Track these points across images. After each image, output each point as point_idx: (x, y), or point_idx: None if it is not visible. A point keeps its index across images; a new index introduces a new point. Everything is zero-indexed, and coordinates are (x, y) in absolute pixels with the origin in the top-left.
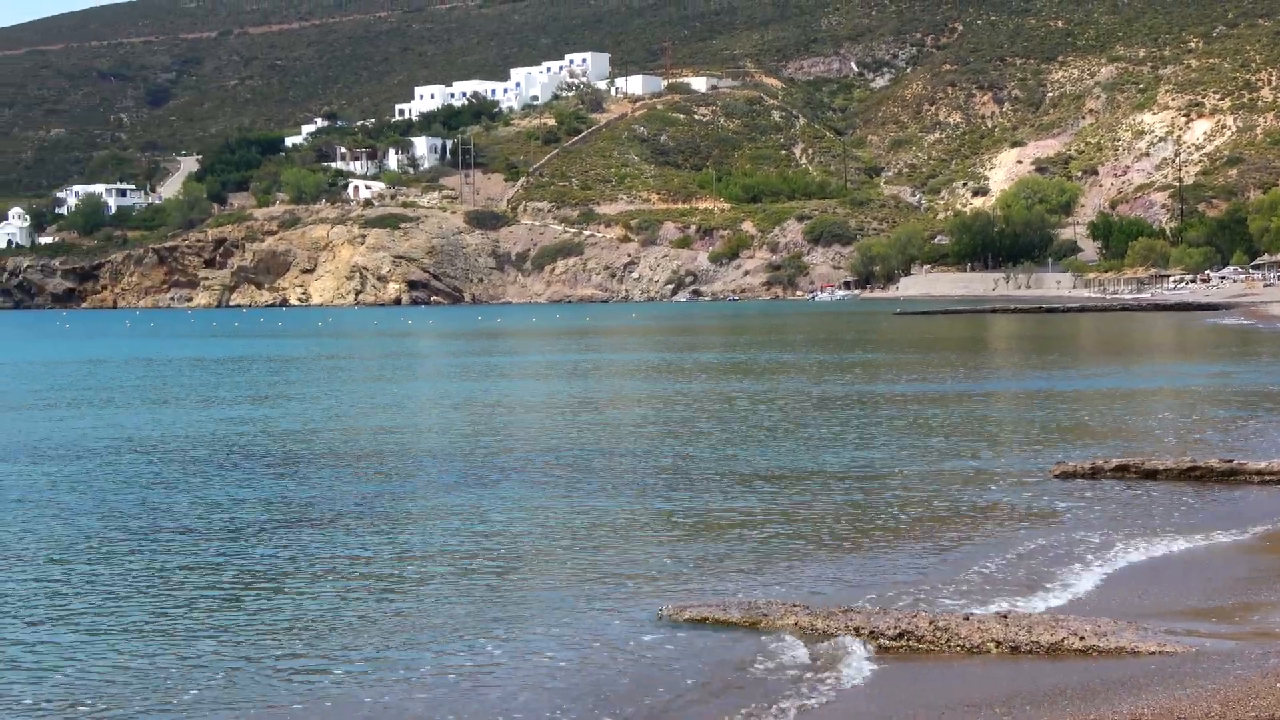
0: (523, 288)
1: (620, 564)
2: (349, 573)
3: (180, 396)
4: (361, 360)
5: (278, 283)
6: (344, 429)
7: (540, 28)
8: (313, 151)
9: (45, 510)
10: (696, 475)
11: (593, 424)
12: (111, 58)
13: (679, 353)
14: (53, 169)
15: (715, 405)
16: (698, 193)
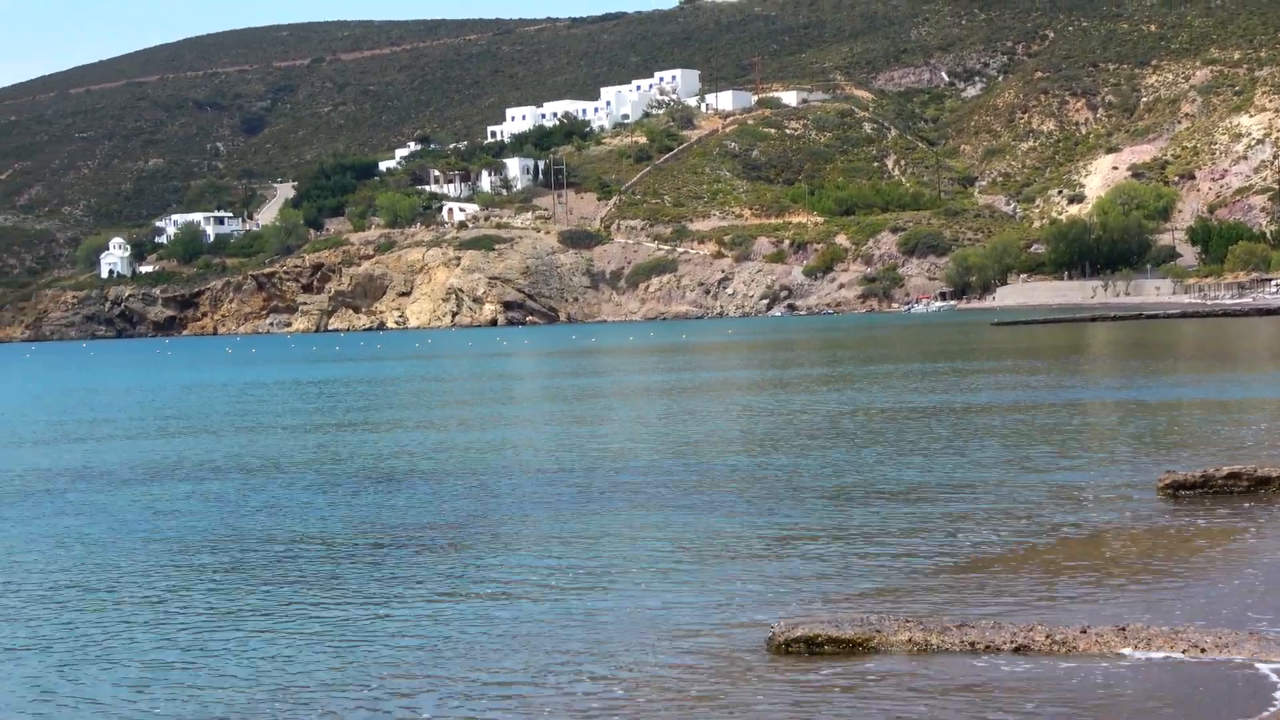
0: (617, 306)
1: (727, 580)
2: (446, 593)
3: (286, 420)
4: (458, 381)
5: (374, 306)
6: (442, 449)
7: (629, 46)
8: (407, 175)
9: (152, 530)
10: (796, 490)
11: (690, 440)
12: (207, 88)
13: (775, 368)
14: (152, 199)
15: (813, 419)
16: (790, 207)
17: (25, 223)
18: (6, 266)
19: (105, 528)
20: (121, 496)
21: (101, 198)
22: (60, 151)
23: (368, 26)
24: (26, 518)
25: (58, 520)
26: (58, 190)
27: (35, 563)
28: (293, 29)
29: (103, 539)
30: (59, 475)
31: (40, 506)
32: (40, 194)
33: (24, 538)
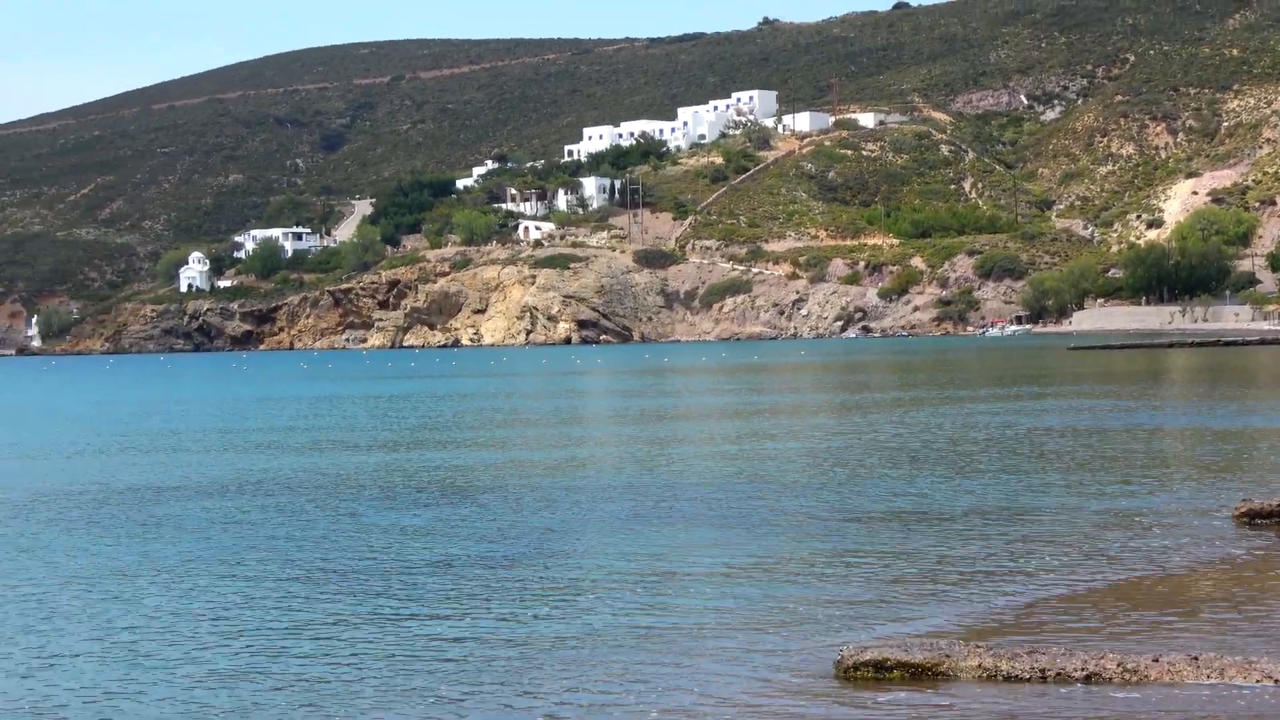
0: (691, 326)
1: (795, 603)
2: (512, 611)
3: (359, 436)
4: (531, 399)
5: (450, 323)
6: (512, 467)
7: (707, 67)
8: (483, 193)
9: (225, 543)
10: (865, 512)
11: (759, 461)
12: (287, 104)
13: (846, 390)
14: (231, 214)
15: (884, 442)
16: (866, 229)
17: (107, 236)
18: (88, 279)
19: (180, 540)
20: (197, 509)
21: (182, 212)
22: (142, 166)
23: (447, 45)
24: (105, 529)
25: (133, 534)
26: (139, 204)
27: (111, 574)
28: (373, 47)
29: (180, 552)
30: (138, 488)
31: (117, 518)
32: (122, 208)
33: (96, 548)
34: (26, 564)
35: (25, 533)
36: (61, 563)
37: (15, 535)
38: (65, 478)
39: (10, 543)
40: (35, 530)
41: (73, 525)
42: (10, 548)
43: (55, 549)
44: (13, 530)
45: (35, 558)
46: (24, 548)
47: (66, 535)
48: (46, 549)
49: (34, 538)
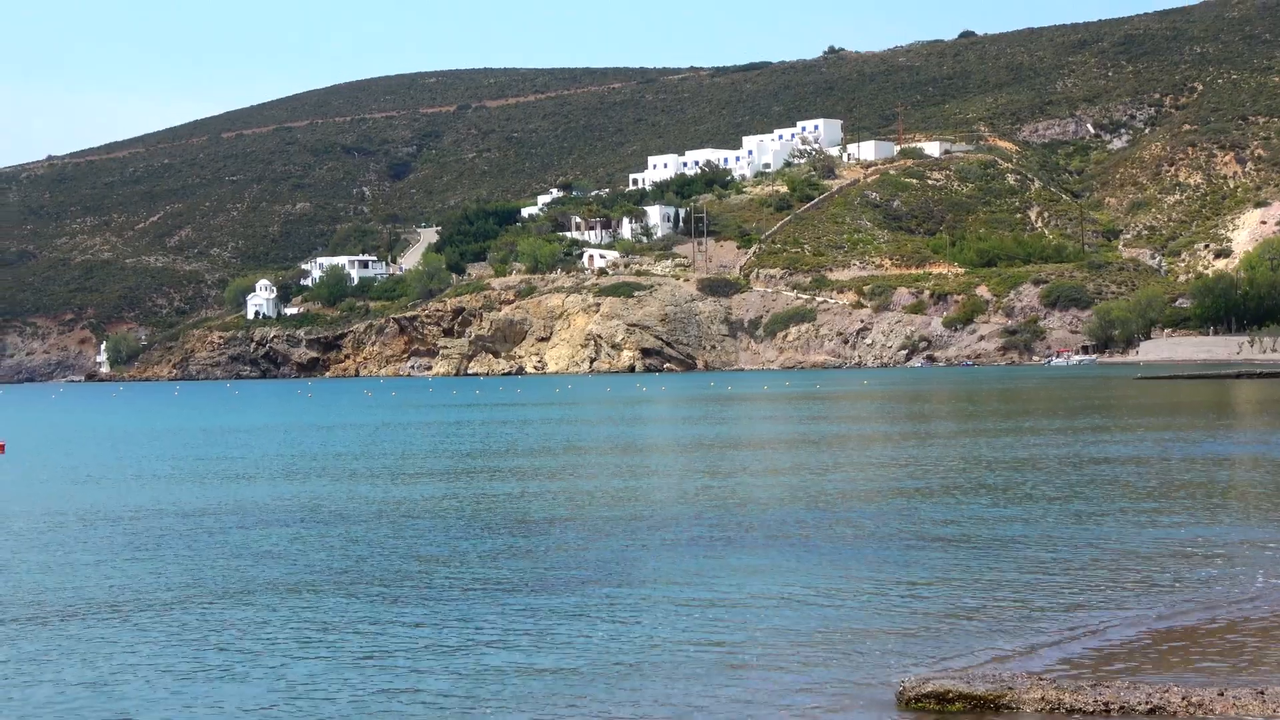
0: (755, 354)
1: (857, 633)
2: (573, 638)
3: (424, 463)
4: (596, 426)
5: (514, 351)
6: (577, 494)
7: (772, 96)
8: (548, 221)
9: (290, 570)
10: (928, 541)
11: (822, 490)
12: (354, 133)
13: (910, 420)
14: (298, 242)
15: (947, 471)
16: (931, 258)
17: (175, 263)
18: (156, 306)
19: (254, 566)
20: (270, 536)
21: (249, 240)
22: (211, 194)
23: (513, 74)
24: (177, 554)
25: (203, 558)
26: (207, 232)
27: (184, 596)
28: (440, 76)
29: (253, 576)
30: (205, 514)
31: (192, 544)
32: (190, 235)
33: (164, 570)
34: (107, 579)
35: (101, 554)
36: (131, 583)
37: (93, 556)
38: (136, 500)
39: (88, 562)
40: (117, 550)
41: (140, 547)
42: (89, 567)
43: (128, 569)
44: (89, 551)
45: (118, 573)
46: (101, 565)
47: (118, 558)
48: (121, 570)
49: (112, 557)
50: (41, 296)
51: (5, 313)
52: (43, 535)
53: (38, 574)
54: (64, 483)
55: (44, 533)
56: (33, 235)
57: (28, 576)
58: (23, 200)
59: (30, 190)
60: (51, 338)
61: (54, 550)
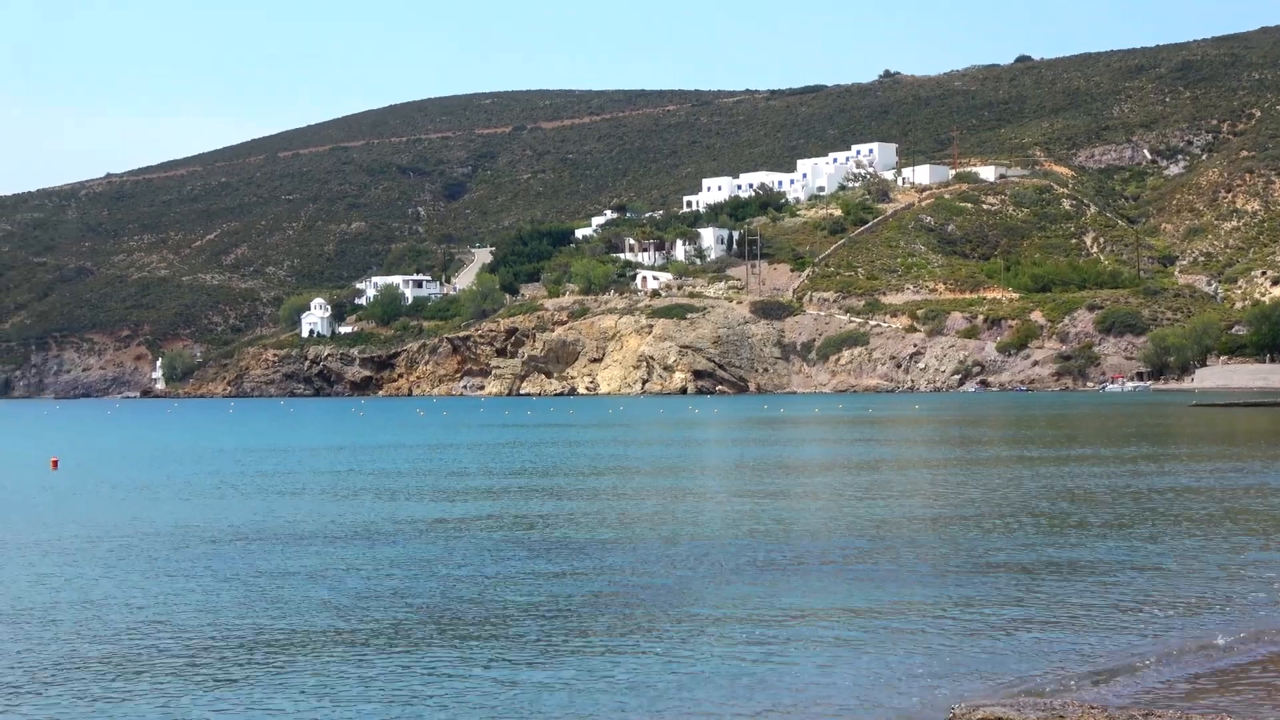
0: (807, 377)
1: (908, 658)
2: (624, 660)
3: (476, 483)
4: (649, 447)
5: (566, 371)
6: (629, 516)
7: (827, 119)
8: (602, 243)
9: (345, 590)
10: (979, 568)
11: (872, 515)
12: (410, 153)
13: (961, 445)
14: (353, 261)
15: (999, 497)
16: (985, 282)
17: (231, 281)
18: (211, 324)
19: (303, 586)
20: (321, 556)
21: (304, 259)
22: (267, 213)
23: (568, 96)
24: (221, 570)
25: (249, 575)
26: (263, 250)
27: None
28: (495, 97)
29: (301, 596)
30: (247, 533)
31: (237, 561)
32: (246, 254)
33: (214, 587)
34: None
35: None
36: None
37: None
38: (185, 518)
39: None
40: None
41: (194, 567)
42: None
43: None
44: (156, 566)
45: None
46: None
47: (168, 577)
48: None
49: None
50: (99, 313)
51: (63, 329)
52: (83, 553)
53: (81, 589)
54: (112, 500)
55: (83, 551)
56: (91, 252)
57: (68, 594)
58: (81, 217)
59: (89, 207)
60: (108, 354)
61: (98, 567)
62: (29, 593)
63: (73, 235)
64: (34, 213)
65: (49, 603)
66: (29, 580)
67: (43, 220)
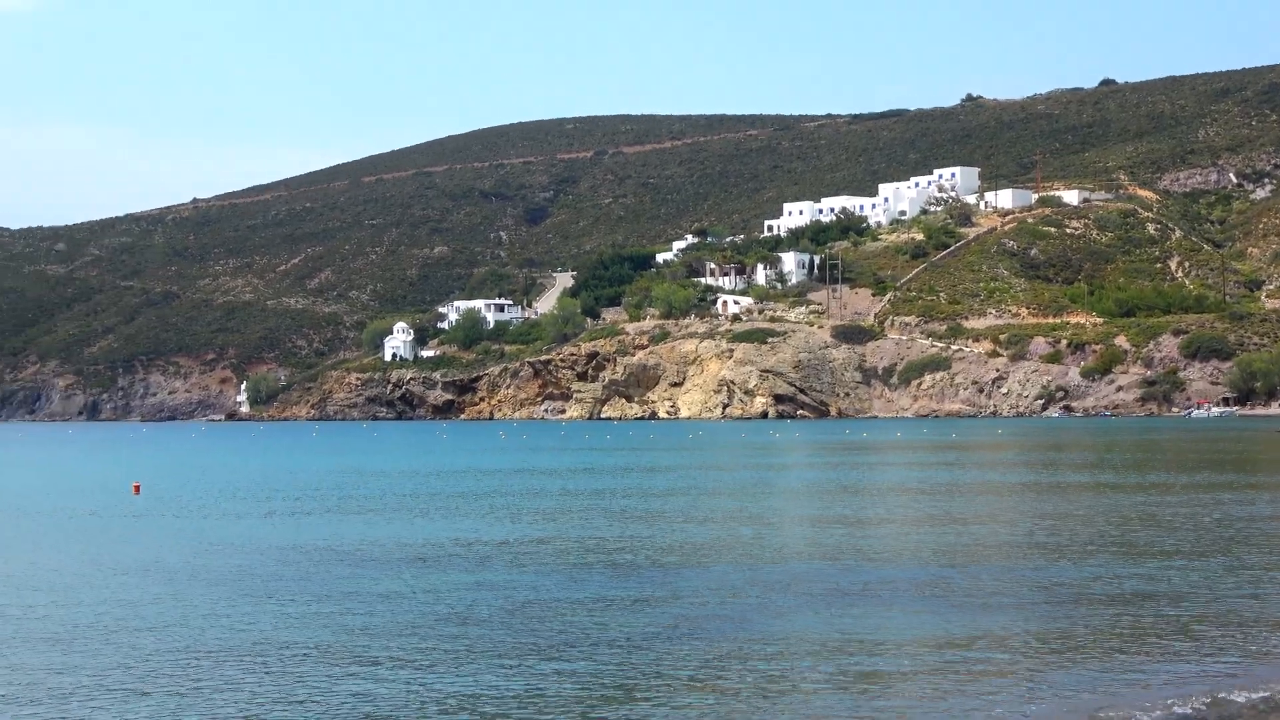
0: (889, 402)
1: (998, 687)
2: (710, 687)
3: (557, 505)
4: (730, 472)
5: (647, 396)
6: (712, 541)
7: (909, 143)
8: (683, 267)
9: (420, 613)
10: (1070, 596)
11: (960, 539)
12: (492, 178)
13: (1045, 470)
14: (435, 285)
15: (1083, 524)
16: (1069, 307)
17: (315, 305)
18: (296, 348)
19: (387, 609)
20: (411, 578)
21: (388, 283)
22: (350, 238)
23: (650, 121)
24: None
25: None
26: (346, 275)
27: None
28: (577, 122)
29: (387, 620)
30: (334, 554)
31: (311, 585)
32: (330, 278)
33: (290, 607)
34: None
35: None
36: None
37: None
38: (268, 539)
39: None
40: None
41: (285, 588)
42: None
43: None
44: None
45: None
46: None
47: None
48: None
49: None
50: (184, 337)
51: (149, 352)
52: (157, 581)
53: (154, 609)
54: (191, 527)
55: (153, 576)
56: (177, 276)
57: (148, 614)
58: (168, 242)
59: (175, 232)
60: (193, 377)
61: (172, 592)
62: (115, 612)
63: (159, 260)
64: (121, 238)
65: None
66: (112, 602)
67: (130, 245)
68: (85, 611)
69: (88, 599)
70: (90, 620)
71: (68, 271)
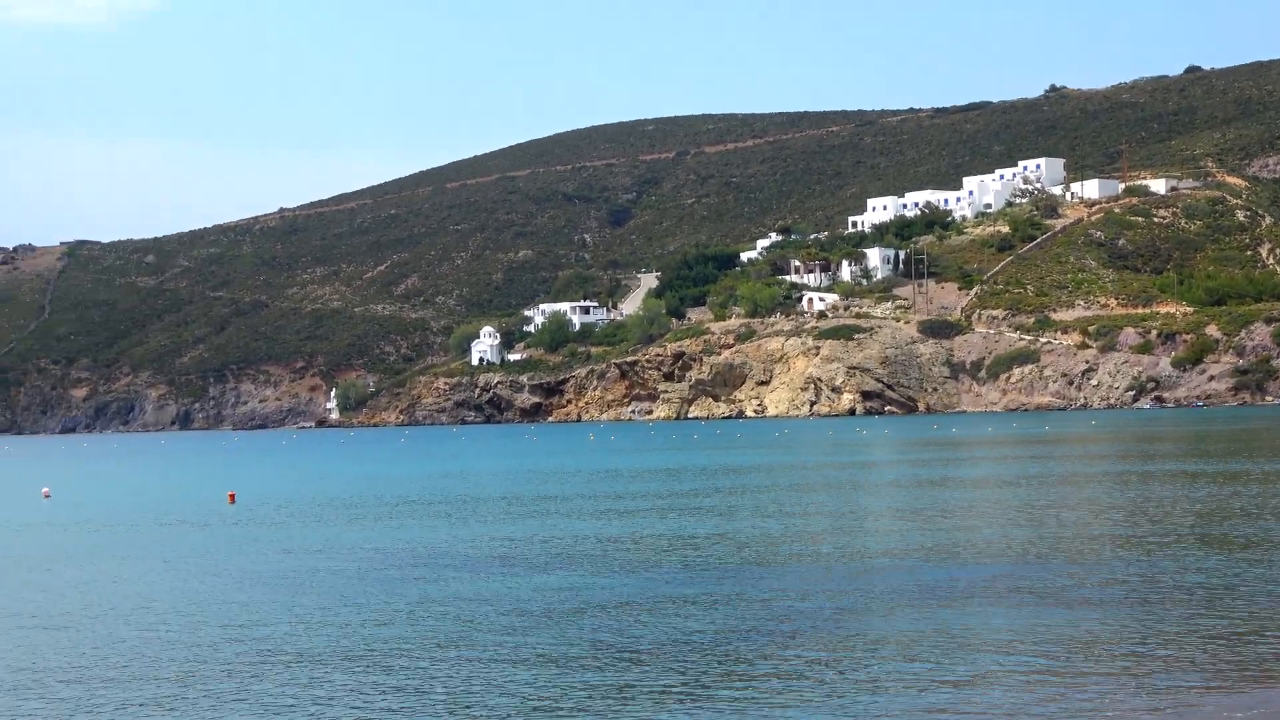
0: (977, 396)
1: (1097, 682)
2: (800, 688)
3: (648, 504)
4: (817, 471)
5: (734, 394)
6: (802, 538)
7: (993, 135)
8: (767, 265)
9: (511, 619)
10: (1164, 590)
11: (1054, 534)
12: (575, 181)
13: (1140, 461)
14: (521, 289)
15: (1184, 515)
16: (1158, 296)
17: (402, 311)
18: (383, 354)
19: (476, 607)
20: (505, 579)
21: (474, 288)
22: (436, 243)
23: (731, 120)
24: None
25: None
26: (433, 280)
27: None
28: (658, 123)
29: (476, 618)
30: (424, 557)
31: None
32: (416, 284)
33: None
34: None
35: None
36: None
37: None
38: (368, 541)
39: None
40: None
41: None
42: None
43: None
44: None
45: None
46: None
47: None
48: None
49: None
50: (274, 345)
51: (239, 361)
52: (261, 586)
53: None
54: (281, 535)
55: (259, 584)
56: (265, 285)
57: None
58: (256, 252)
59: (263, 242)
60: (283, 385)
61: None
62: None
63: (247, 269)
64: (210, 248)
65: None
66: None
67: (219, 255)
68: (210, 632)
69: (211, 617)
70: (215, 638)
71: (158, 283)
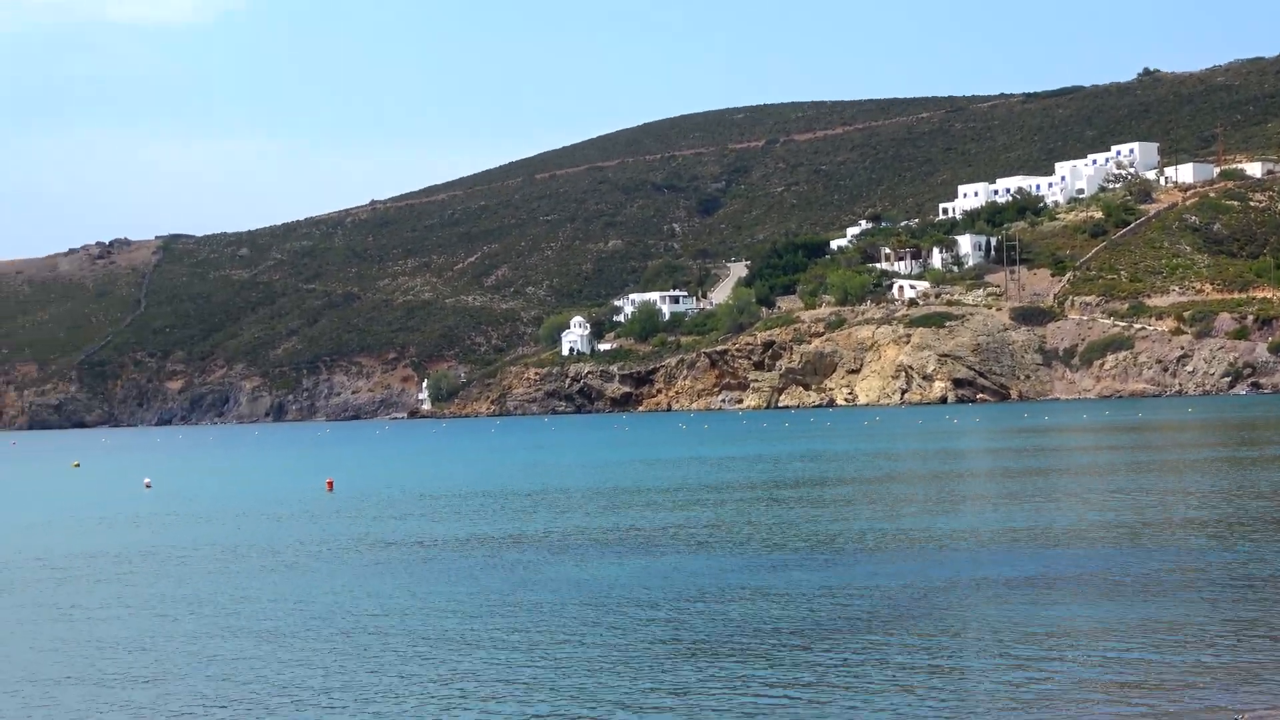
0: (1070, 384)
1: (1187, 670)
2: (887, 676)
3: (741, 494)
4: (907, 460)
5: (824, 383)
6: (890, 528)
7: (1085, 120)
8: (857, 253)
9: (606, 609)
10: (1258, 579)
11: (1147, 521)
12: (664, 170)
13: (1236, 447)
14: (610, 278)
15: (1275, 504)
16: (1255, 281)
17: (493, 302)
18: (474, 345)
19: (565, 594)
20: (602, 564)
21: (563, 278)
22: (526, 234)
23: (820, 107)
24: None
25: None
26: (523, 271)
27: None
28: (748, 111)
29: (562, 603)
30: (514, 543)
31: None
32: (506, 275)
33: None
34: None
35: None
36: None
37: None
38: (466, 531)
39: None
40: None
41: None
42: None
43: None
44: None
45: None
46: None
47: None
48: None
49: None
50: (366, 337)
51: (333, 353)
52: (360, 568)
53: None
54: (381, 525)
55: (358, 567)
56: (357, 277)
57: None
58: (347, 244)
59: (354, 234)
60: (375, 376)
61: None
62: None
63: (339, 262)
64: (303, 241)
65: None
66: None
67: (311, 248)
68: (326, 617)
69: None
70: (343, 623)
71: (251, 276)
